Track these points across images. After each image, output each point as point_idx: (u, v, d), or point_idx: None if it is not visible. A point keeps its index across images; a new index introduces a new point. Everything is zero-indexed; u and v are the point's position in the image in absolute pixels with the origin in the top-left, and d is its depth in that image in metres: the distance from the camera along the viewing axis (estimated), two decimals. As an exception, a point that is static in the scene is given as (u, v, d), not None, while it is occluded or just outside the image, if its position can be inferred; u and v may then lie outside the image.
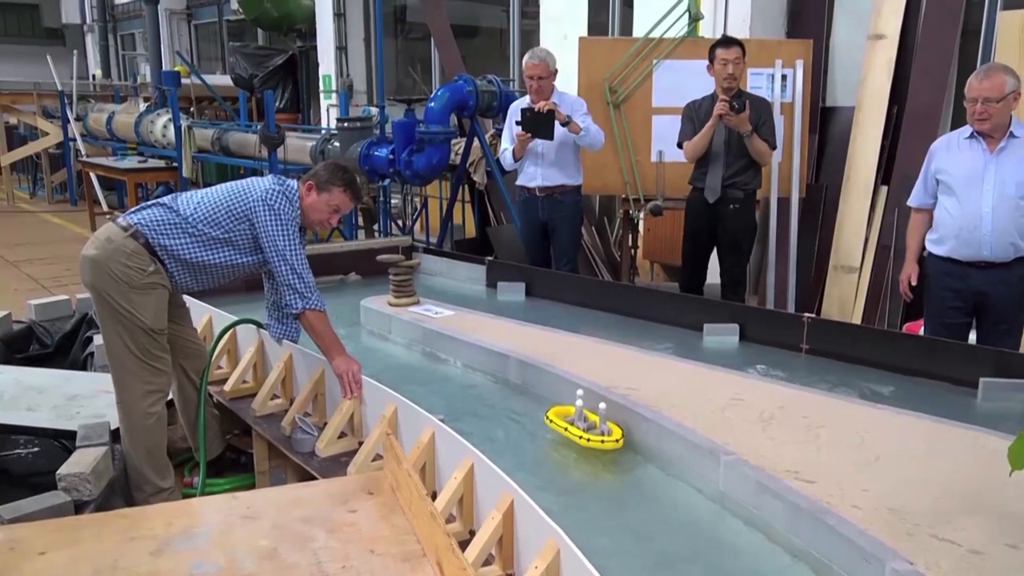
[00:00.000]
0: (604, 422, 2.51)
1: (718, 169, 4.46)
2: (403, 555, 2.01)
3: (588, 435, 2.47)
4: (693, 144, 4.42)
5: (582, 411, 2.54)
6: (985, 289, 3.44)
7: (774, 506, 1.99)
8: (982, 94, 3.32)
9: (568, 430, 2.53)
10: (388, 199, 7.16)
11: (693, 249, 4.70)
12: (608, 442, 2.46)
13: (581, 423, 2.53)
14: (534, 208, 4.83)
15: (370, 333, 3.92)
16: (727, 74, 4.31)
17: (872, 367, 3.23)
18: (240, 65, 11.53)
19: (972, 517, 1.84)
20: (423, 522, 2.02)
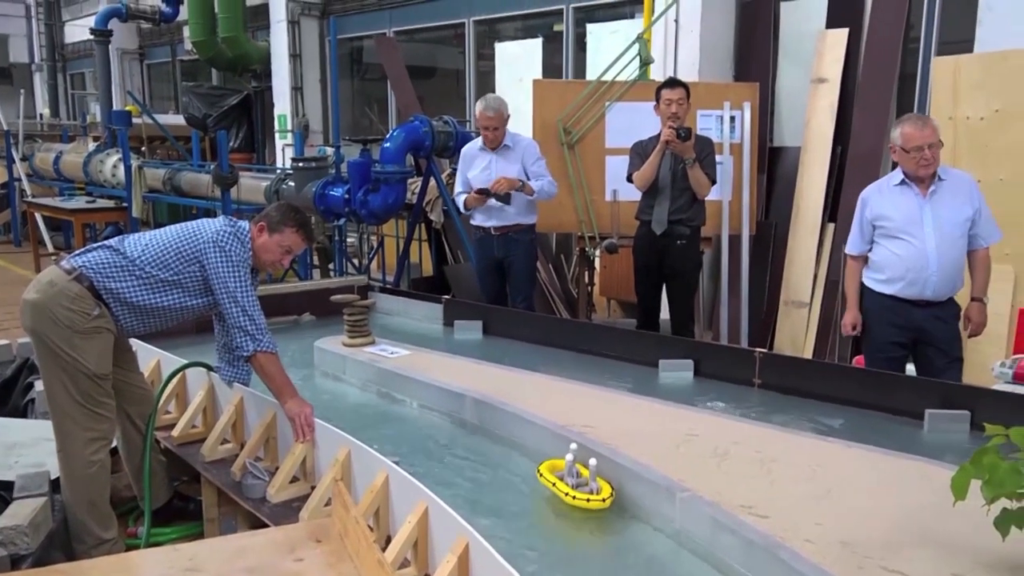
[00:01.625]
0: (594, 479, 2.37)
1: (664, 202, 4.57)
2: None
3: (574, 492, 2.34)
4: (642, 172, 4.54)
5: (572, 466, 2.41)
6: (925, 325, 3.54)
7: (730, 542, 2.00)
8: (926, 140, 3.44)
9: (556, 486, 2.39)
10: (344, 238, 7.12)
11: (644, 281, 4.78)
12: (594, 501, 2.31)
13: (570, 479, 2.40)
14: (489, 246, 4.86)
15: (324, 374, 3.87)
16: (671, 113, 4.44)
17: (823, 400, 3.28)
18: (193, 105, 11.46)
19: (920, 548, 1.86)
20: (371, 570, 1.98)
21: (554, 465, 2.51)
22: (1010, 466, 1.62)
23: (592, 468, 2.36)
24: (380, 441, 2.81)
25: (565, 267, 7.04)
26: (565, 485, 2.37)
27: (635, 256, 4.82)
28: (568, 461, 2.40)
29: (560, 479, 2.41)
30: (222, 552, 2.26)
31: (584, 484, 2.36)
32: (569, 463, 2.40)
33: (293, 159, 6.96)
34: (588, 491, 2.34)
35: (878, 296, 3.63)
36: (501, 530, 2.26)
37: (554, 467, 2.50)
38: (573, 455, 2.41)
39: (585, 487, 2.35)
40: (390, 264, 7.23)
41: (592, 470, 2.36)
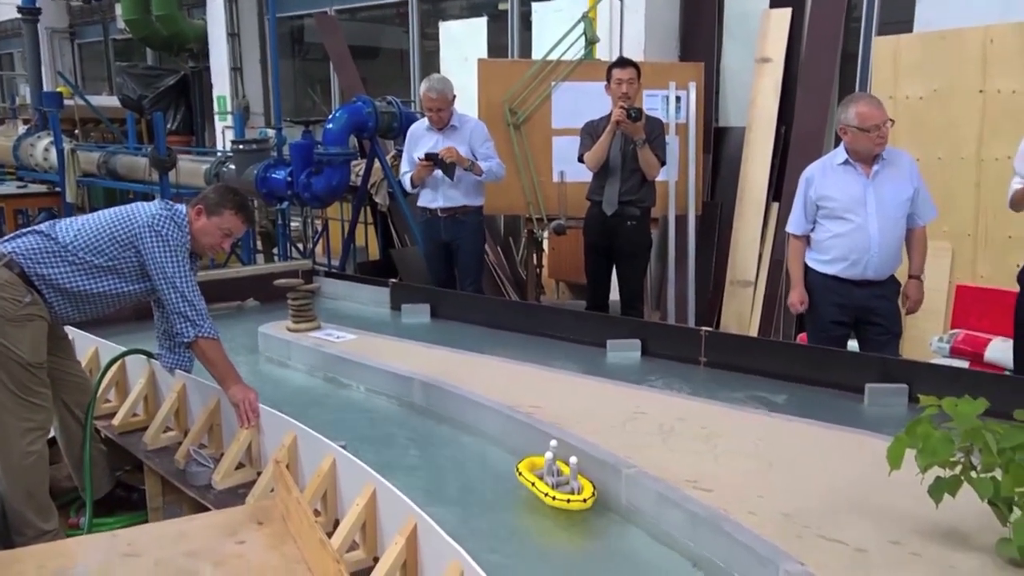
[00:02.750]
0: (575, 477, 2.23)
1: (615, 182, 4.59)
2: None
3: (554, 492, 2.19)
4: (594, 151, 4.55)
5: (552, 464, 2.27)
6: (866, 303, 3.62)
7: (675, 516, 2.03)
8: (881, 119, 3.50)
9: (536, 485, 2.25)
10: (287, 222, 7.01)
11: (594, 262, 4.81)
12: (574, 502, 2.17)
13: (550, 478, 2.25)
14: (436, 229, 4.83)
15: (269, 360, 3.81)
16: (621, 93, 4.45)
17: (767, 377, 3.34)
18: (128, 86, 11.11)
19: (858, 517, 1.91)
20: (314, 550, 1.97)
21: (533, 463, 2.35)
22: (942, 435, 1.68)
23: (572, 466, 2.23)
24: (327, 426, 2.77)
25: (513, 249, 7.04)
26: (544, 485, 2.23)
27: (585, 236, 4.84)
28: (548, 459, 2.27)
29: (540, 478, 2.27)
30: (162, 537, 2.23)
31: (565, 483, 2.24)
32: (549, 461, 2.27)
33: (233, 141, 6.82)
34: (568, 490, 2.21)
35: (820, 276, 3.70)
36: (449, 510, 2.26)
37: (533, 465, 2.35)
38: (553, 452, 2.27)
39: (566, 486, 2.23)
40: (335, 248, 7.14)
41: (573, 468, 2.23)
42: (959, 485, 1.72)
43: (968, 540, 1.80)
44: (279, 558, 2.09)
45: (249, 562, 2.08)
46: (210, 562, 2.08)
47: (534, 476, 2.28)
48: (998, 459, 1.59)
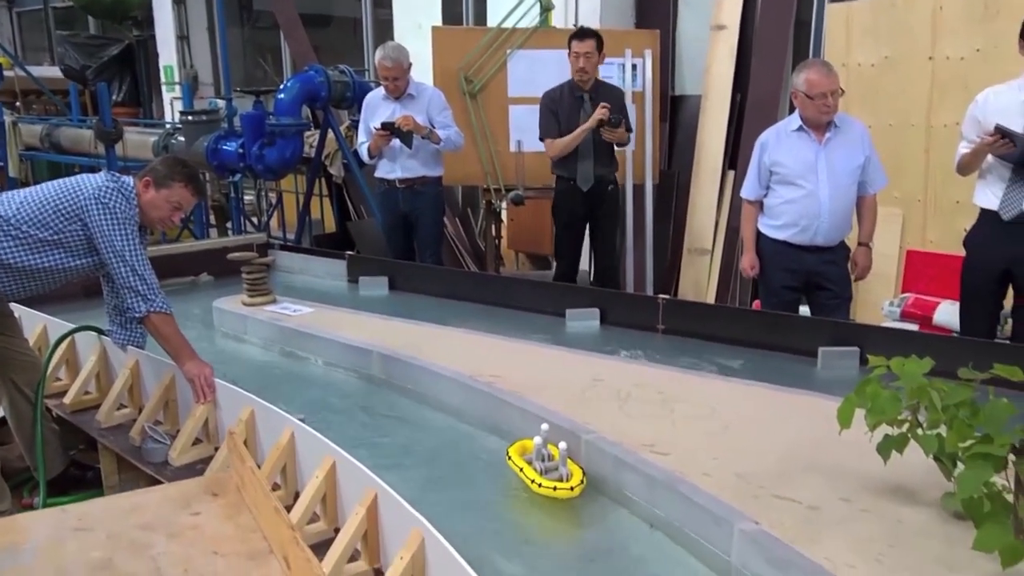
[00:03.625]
0: (564, 463, 2.14)
1: (588, 159, 4.58)
2: (249, 553, 1.97)
3: (541, 479, 2.09)
4: (564, 145, 4.53)
5: (541, 449, 2.17)
6: (816, 269, 3.69)
7: (632, 479, 2.06)
8: (830, 88, 3.53)
9: (524, 471, 2.14)
10: (240, 195, 6.88)
11: (570, 238, 4.79)
12: (561, 489, 2.06)
13: (539, 463, 2.15)
14: (394, 200, 4.78)
15: (225, 335, 3.76)
16: (579, 67, 4.44)
17: (723, 343, 3.39)
18: (70, 56, 10.74)
19: (811, 476, 1.96)
20: (269, 518, 1.97)
21: (524, 447, 2.26)
22: (890, 394, 1.72)
23: (562, 451, 2.14)
24: (285, 400, 2.76)
25: (472, 220, 7.01)
26: (532, 471, 2.13)
27: (559, 214, 4.81)
28: (537, 444, 2.17)
29: (529, 463, 2.17)
30: (113, 511, 2.20)
31: (554, 469, 2.14)
32: (538, 445, 2.17)
33: (182, 112, 6.67)
34: (557, 476, 2.11)
35: (771, 242, 3.76)
36: (410, 481, 2.26)
37: (524, 449, 2.26)
38: (543, 437, 2.17)
39: (554, 472, 2.14)
40: (290, 221, 7.04)
41: (562, 453, 2.13)
42: (906, 442, 1.77)
43: (915, 495, 1.86)
44: (234, 528, 2.09)
45: (204, 533, 2.08)
46: (164, 534, 2.07)
47: (523, 461, 2.18)
48: (943, 416, 1.63)
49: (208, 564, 1.93)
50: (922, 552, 1.63)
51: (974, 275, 3.60)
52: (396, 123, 4.49)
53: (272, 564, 1.92)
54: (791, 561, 1.60)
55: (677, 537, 1.92)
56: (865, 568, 1.57)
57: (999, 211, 3.42)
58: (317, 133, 6.17)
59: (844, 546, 1.65)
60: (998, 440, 1.52)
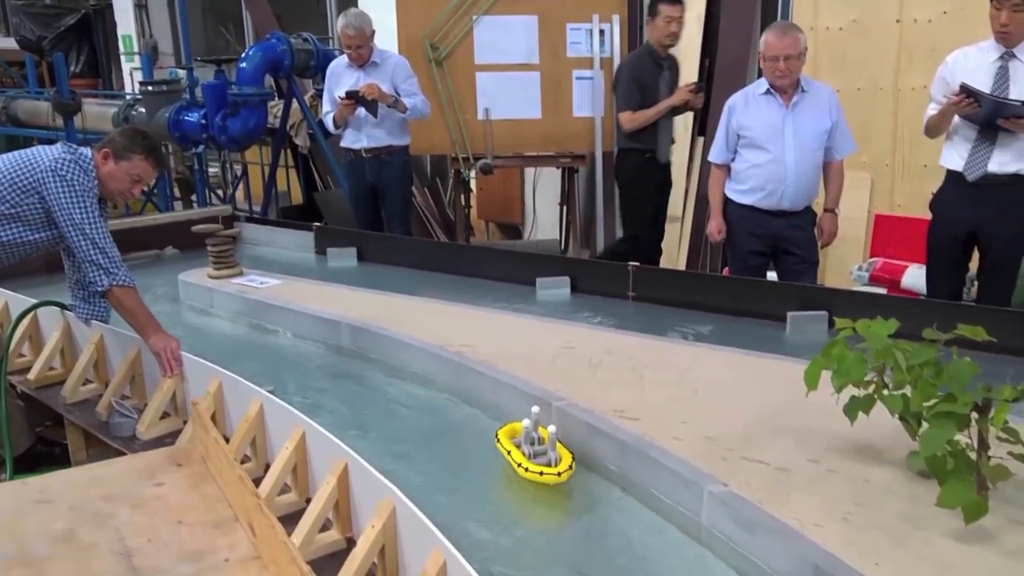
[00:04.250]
0: (553, 447, 2.04)
1: (668, 132, 4.62)
2: (214, 522, 1.96)
3: (528, 463, 2.00)
4: (648, 117, 4.48)
5: (530, 432, 2.07)
6: (783, 233, 3.71)
7: (603, 444, 2.07)
8: (783, 51, 3.52)
9: (511, 455, 2.06)
10: (205, 167, 6.76)
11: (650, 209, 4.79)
12: (548, 475, 1.96)
13: (527, 447, 2.06)
14: (361, 170, 4.72)
15: (191, 308, 3.71)
16: (671, 32, 4.39)
17: (693, 309, 3.41)
18: (26, 26, 10.45)
19: (779, 438, 1.98)
20: (233, 487, 1.96)
21: (514, 430, 2.18)
22: (856, 356, 1.73)
23: (551, 435, 2.03)
24: (254, 372, 2.73)
25: (441, 190, 6.96)
26: (520, 455, 2.04)
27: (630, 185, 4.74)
28: (525, 426, 2.08)
29: (518, 446, 2.09)
30: (75, 482, 2.18)
31: (542, 453, 2.05)
32: (527, 428, 2.07)
33: (142, 83, 6.50)
34: (545, 461, 2.02)
35: (738, 207, 3.77)
36: (381, 450, 2.26)
37: (514, 432, 2.17)
38: (533, 420, 2.07)
39: (543, 457, 2.04)
40: (256, 194, 6.94)
41: (551, 437, 2.03)
42: (872, 403, 1.79)
43: (881, 455, 1.88)
44: (199, 498, 2.08)
45: (168, 503, 2.07)
46: (127, 505, 2.06)
47: (511, 444, 2.10)
48: (907, 376, 1.65)
49: (172, 533, 1.93)
50: (888, 510, 1.65)
51: (940, 237, 3.64)
52: (360, 92, 4.42)
53: (238, 532, 1.92)
54: (759, 521, 1.62)
55: (648, 500, 1.93)
56: (832, 527, 1.59)
57: (964, 172, 3.45)
58: (281, 103, 6.06)
59: (811, 506, 1.67)
60: (961, 399, 1.55)
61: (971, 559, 1.48)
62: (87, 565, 1.81)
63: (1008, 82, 3.35)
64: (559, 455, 2.03)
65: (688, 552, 1.76)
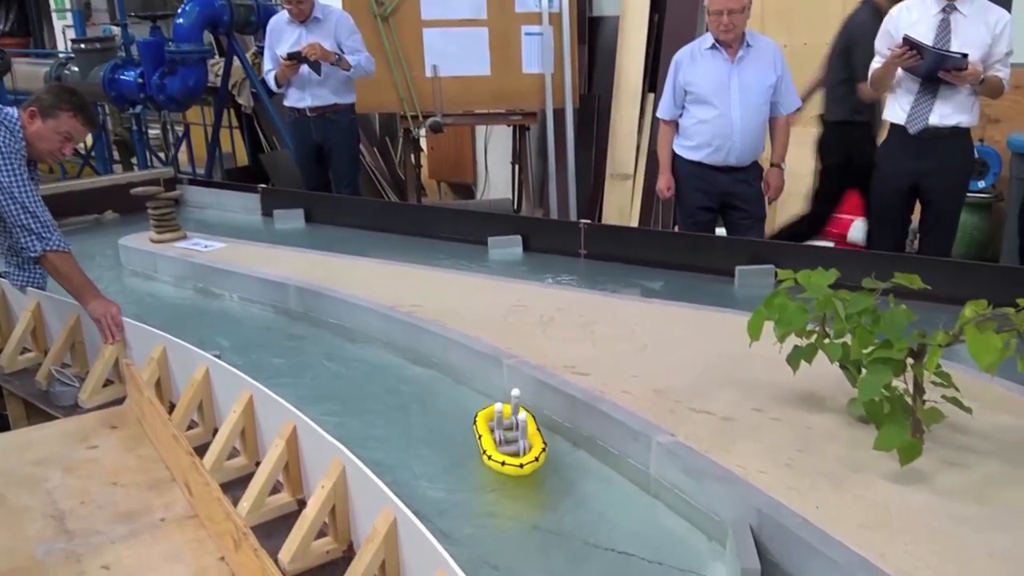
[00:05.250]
0: (524, 435, 1.90)
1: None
2: (149, 483, 1.95)
3: (492, 451, 1.88)
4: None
5: (501, 416, 1.96)
6: (730, 189, 3.74)
7: (554, 400, 2.08)
8: (727, 5, 3.52)
9: (482, 439, 1.94)
10: (144, 128, 6.55)
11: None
12: (509, 466, 1.83)
13: (499, 431, 1.95)
14: (306, 130, 4.63)
15: (134, 274, 3.62)
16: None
17: (644, 265, 3.43)
18: (-50, -18, 9.95)
19: (726, 390, 2.02)
20: (169, 447, 1.94)
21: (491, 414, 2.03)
22: (797, 306, 1.76)
23: (521, 422, 1.89)
24: (200, 337, 2.68)
25: (391, 150, 6.86)
26: (489, 440, 1.93)
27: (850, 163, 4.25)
28: (497, 411, 1.96)
29: (492, 431, 1.98)
30: (5, 447, 2.14)
31: (513, 440, 1.92)
32: (498, 413, 1.96)
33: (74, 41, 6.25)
34: (514, 450, 1.89)
35: (686, 163, 3.79)
36: (330, 411, 2.25)
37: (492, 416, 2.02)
38: (514, 403, 1.93)
39: (513, 445, 1.91)
40: (200, 155, 6.76)
41: (521, 425, 1.89)
42: (814, 352, 1.83)
43: (823, 402, 1.93)
44: (135, 459, 2.05)
45: (103, 466, 2.04)
46: (60, 469, 2.03)
47: (486, 428, 1.98)
48: (847, 325, 1.69)
49: (107, 495, 1.91)
50: (828, 455, 1.70)
51: (883, 189, 3.71)
52: (303, 52, 4.31)
53: (174, 492, 1.91)
54: (705, 470, 1.65)
55: (599, 454, 1.96)
56: (776, 472, 1.63)
57: (906, 125, 3.51)
58: (222, 61, 5.88)
59: (756, 453, 1.71)
60: (897, 345, 1.58)
61: (906, 499, 1.53)
62: (19, 529, 1.79)
63: (949, 35, 3.40)
64: (530, 443, 1.89)
65: (638, 502, 1.80)
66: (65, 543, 1.73)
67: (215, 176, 6.07)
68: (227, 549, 1.63)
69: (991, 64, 3.39)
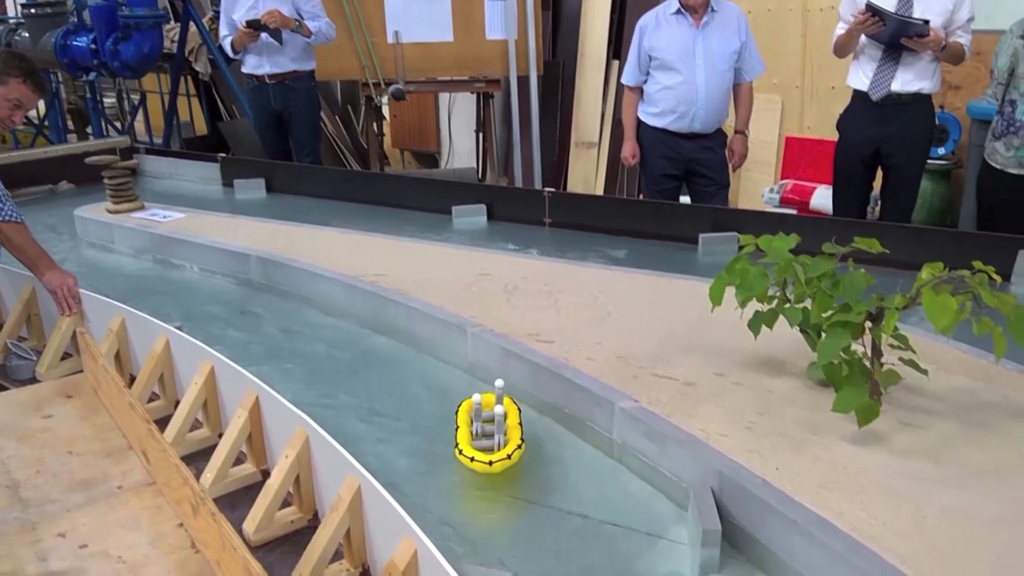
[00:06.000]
0: (500, 430, 1.79)
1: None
2: (105, 451, 1.93)
3: (464, 445, 1.76)
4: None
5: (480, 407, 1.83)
6: (694, 156, 3.76)
7: (518, 367, 2.08)
8: None
9: (459, 431, 1.83)
10: (99, 96, 6.38)
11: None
12: (478, 462, 1.71)
13: (477, 423, 1.84)
14: (265, 97, 4.54)
15: (91, 245, 3.54)
16: None
17: (608, 234, 3.44)
18: None
19: (688, 355, 2.03)
20: (124, 414, 1.92)
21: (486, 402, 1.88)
22: (758, 271, 1.78)
23: (499, 417, 1.78)
24: (160, 308, 2.65)
25: (353, 118, 6.77)
26: (465, 434, 1.81)
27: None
28: (475, 402, 1.82)
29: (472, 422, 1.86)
30: None
31: (490, 435, 1.82)
32: (476, 404, 1.82)
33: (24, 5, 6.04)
34: (489, 445, 1.80)
35: (651, 130, 3.79)
36: (293, 382, 2.23)
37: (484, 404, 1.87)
38: (498, 393, 1.82)
39: (489, 439, 1.81)
40: (157, 124, 6.61)
41: (498, 420, 1.78)
42: (775, 317, 1.85)
43: (783, 367, 1.96)
44: (91, 428, 2.03)
45: (57, 435, 2.01)
46: (13, 438, 1.99)
47: (466, 420, 1.87)
48: (807, 289, 1.71)
49: (62, 464, 1.88)
50: (788, 418, 1.72)
51: (845, 156, 3.75)
52: (261, 20, 4.21)
53: (132, 460, 1.89)
54: (667, 434, 1.67)
55: (563, 420, 1.97)
56: (736, 435, 1.65)
57: (869, 92, 3.54)
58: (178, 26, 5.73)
59: (717, 417, 1.73)
60: (856, 308, 1.61)
61: (863, 459, 1.56)
62: (-28, 499, 1.75)
63: (911, 1, 3.42)
64: (506, 439, 1.78)
65: (602, 467, 1.81)
66: (20, 512, 1.71)
67: (173, 146, 5.94)
68: (185, 515, 1.62)
69: (952, 30, 3.42)
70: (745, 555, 1.50)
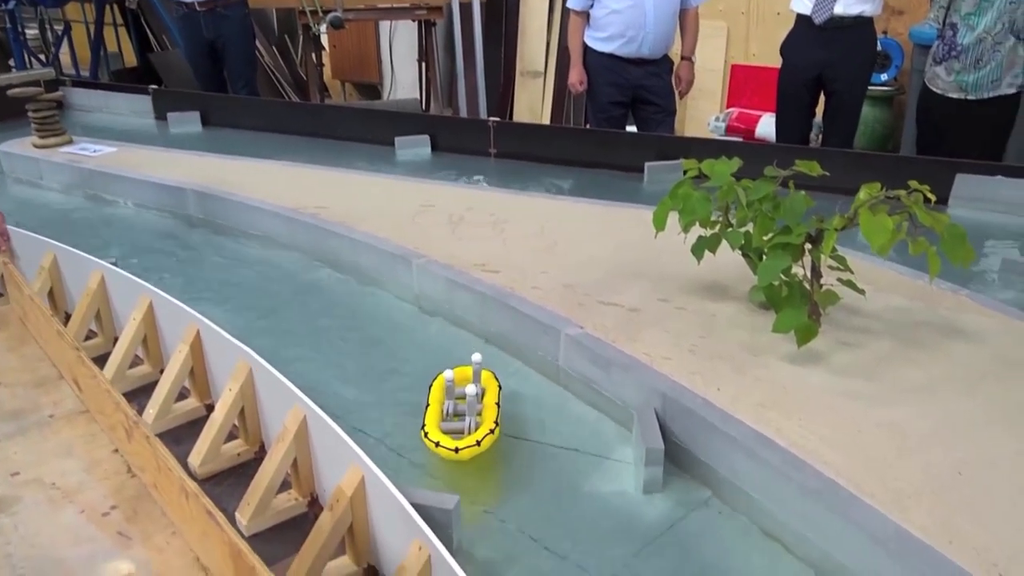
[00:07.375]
0: (472, 413, 1.62)
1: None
2: (35, 381, 1.88)
3: (430, 428, 1.59)
4: None
5: (452, 383, 1.68)
6: (642, 82, 3.73)
7: (464, 298, 2.07)
8: None
9: (428, 409, 1.66)
10: (21, 27, 6.04)
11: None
12: (443, 448, 1.53)
13: (449, 401, 1.69)
14: (196, 26, 4.35)
15: (18, 181, 3.40)
16: None
17: (554, 164, 3.42)
18: None
19: (633, 282, 2.05)
20: (53, 343, 1.87)
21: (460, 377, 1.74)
22: (701, 195, 1.78)
23: (471, 398, 1.63)
24: (94, 245, 2.56)
25: (291, 48, 6.54)
26: (434, 414, 1.64)
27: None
28: (447, 380, 1.68)
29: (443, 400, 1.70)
30: None
31: (460, 416, 1.67)
32: (448, 381, 1.68)
33: (-69, -75, 5.63)
34: (460, 427, 1.62)
35: (598, 55, 3.75)
36: (235, 315, 2.19)
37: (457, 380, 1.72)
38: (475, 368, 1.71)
39: (459, 421, 1.64)
40: (84, 56, 6.30)
41: (470, 401, 1.63)
42: (718, 242, 1.86)
43: (727, 291, 1.98)
44: (19, 359, 1.96)
45: None
46: None
47: (437, 397, 1.69)
48: (749, 213, 1.72)
49: None
50: (730, 341, 1.75)
51: (789, 81, 3.76)
52: None
53: (63, 389, 1.84)
54: (611, 359, 1.69)
55: (510, 348, 1.98)
56: (679, 359, 1.68)
57: (812, 15, 3.53)
58: (101, -51, 5.42)
59: (661, 341, 1.75)
60: (796, 230, 1.63)
61: (802, 378, 1.60)
62: None
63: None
64: (479, 421, 1.61)
65: (549, 393, 1.83)
66: (-53, 444, 1.66)
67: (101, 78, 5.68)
68: (120, 440, 1.59)
69: None
70: (689, 473, 1.54)
